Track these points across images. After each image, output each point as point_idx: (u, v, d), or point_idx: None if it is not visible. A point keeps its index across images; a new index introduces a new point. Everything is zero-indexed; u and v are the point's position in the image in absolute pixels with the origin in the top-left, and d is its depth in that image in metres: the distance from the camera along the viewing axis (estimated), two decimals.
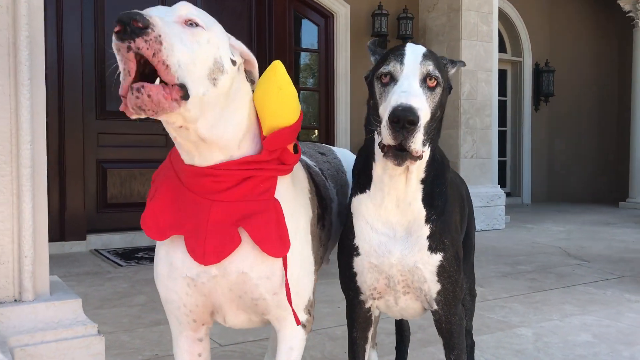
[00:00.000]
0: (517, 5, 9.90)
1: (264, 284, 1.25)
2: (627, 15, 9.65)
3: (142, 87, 1.01)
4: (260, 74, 1.30)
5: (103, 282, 3.97)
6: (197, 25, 1.11)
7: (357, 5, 7.05)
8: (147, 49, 1.00)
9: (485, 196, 6.90)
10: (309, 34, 7.02)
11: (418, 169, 1.36)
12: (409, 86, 1.25)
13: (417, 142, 1.20)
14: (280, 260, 1.26)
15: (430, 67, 1.29)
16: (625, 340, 2.71)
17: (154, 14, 1.05)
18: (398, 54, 1.31)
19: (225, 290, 1.26)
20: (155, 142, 5.65)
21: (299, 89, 6.96)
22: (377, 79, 1.31)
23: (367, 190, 1.42)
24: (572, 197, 10.92)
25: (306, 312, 1.38)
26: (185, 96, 1.06)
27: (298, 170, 1.41)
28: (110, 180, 5.59)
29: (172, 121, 1.12)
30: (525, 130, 10.21)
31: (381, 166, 1.37)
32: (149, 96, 1.02)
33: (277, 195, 1.27)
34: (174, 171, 1.26)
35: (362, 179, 1.44)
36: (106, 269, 4.46)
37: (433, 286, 1.42)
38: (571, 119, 10.87)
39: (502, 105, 9.81)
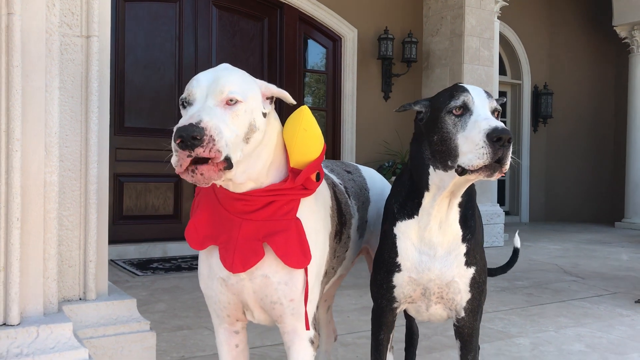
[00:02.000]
0: (517, 30, 10.22)
1: (282, 288, 1.47)
2: (623, 41, 9.97)
3: (196, 168, 1.27)
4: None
5: (123, 291, 4.17)
6: (236, 101, 1.34)
7: (364, 29, 7.34)
8: (203, 152, 1.25)
9: (485, 214, 7.13)
10: (318, 55, 7.31)
11: (458, 194, 1.57)
12: (489, 115, 1.45)
13: (509, 158, 1.41)
14: (298, 270, 1.47)
15: (494, 103, 1.51)
16: (615, 350, 2.94)
17: (199, 102, 1.31)
18: (461, 89, 1.51)
19: (250, 291, 1.49)
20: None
21: None
22: (448, 114, 1.48)
23: (415, 216, 1.62)
24: (569, 217, 11.16)
25: (312, 327, 1.56)
26: (229, 166, 1.30)
27: (323, 189, 1.63)
28: (127, 193, 5.82)
29: (217, 183, 1.38)
30: (524, 150, 10.48)
31: (432, 193, 1.57)
32: (201, 174, 1.27)
33: (300, 213, 1.49)
34: (213, 189, 1.50)
35: (409, 207, 1.64)
36: (124, 278, 4.67)
37: (465, 296, 1.64)
38: (569, 141, 11.15)
39: None
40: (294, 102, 1.50)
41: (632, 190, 9.79)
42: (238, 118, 1.33)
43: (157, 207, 5.96)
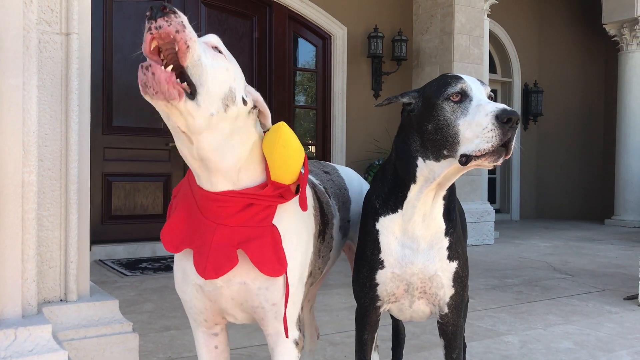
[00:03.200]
0: (507, 28, 10.24)
1: (263, 293, 1.43)
2: (613, 39, 10.01)
3: (150, 65, 1.14)
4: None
5: (111, 291, 4.14)
6: (220, 52, 1.30)
7: (354, 27, 7.33)
8: (169, 25, 1.10)
9: (476, 212, 7.14)
10: (307, 54, 7.29)
11: (446, 186, 1.55)
12: (488, 100, 1.44)
13: (514, 141, 1.40)
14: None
15: (488, 89, 1.50)
16: (604, 347, 2.94)
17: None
18: (455, 77, 1.49)
19: (228, 298, 1.45)
20: (159, 156, 5.86)
21: (297, 107, 7.21)
22: (446, 100, 1.45)
23: (399, 210, 1.59)
24: (559, 214, 11.20)
25: (297, 328, 1.53)
26: (191, 96, 1.18)
27: (305, 189, 1.62)
28: (115, 192, 5.78)
29: (174, 120, 1.23)
30: (514, 148, 10.48)
31: (419, 186, 1.54)
32: (152, 74, 1.13)
33: (280, 215, 1.45)
34: (190, 190, 1.46)
35: (392, 201, 1.61)
36: (112, 278, 4.64)
37: (448, 291, 1.62)
38: (559, 138, 11.19)
39: None
40: (270, 126, 1.47)
41: (622, 187, 9.83)
42: (219, 65, 1.26)
43: (146, 207, 5.92)
